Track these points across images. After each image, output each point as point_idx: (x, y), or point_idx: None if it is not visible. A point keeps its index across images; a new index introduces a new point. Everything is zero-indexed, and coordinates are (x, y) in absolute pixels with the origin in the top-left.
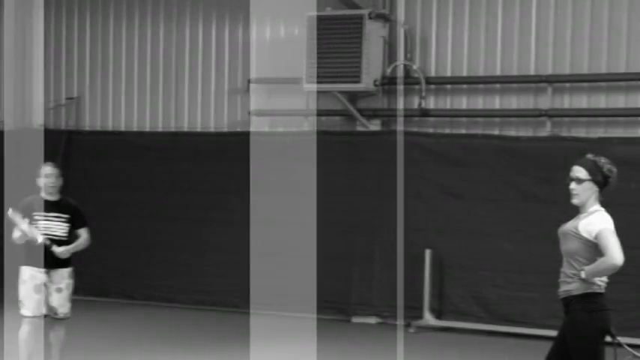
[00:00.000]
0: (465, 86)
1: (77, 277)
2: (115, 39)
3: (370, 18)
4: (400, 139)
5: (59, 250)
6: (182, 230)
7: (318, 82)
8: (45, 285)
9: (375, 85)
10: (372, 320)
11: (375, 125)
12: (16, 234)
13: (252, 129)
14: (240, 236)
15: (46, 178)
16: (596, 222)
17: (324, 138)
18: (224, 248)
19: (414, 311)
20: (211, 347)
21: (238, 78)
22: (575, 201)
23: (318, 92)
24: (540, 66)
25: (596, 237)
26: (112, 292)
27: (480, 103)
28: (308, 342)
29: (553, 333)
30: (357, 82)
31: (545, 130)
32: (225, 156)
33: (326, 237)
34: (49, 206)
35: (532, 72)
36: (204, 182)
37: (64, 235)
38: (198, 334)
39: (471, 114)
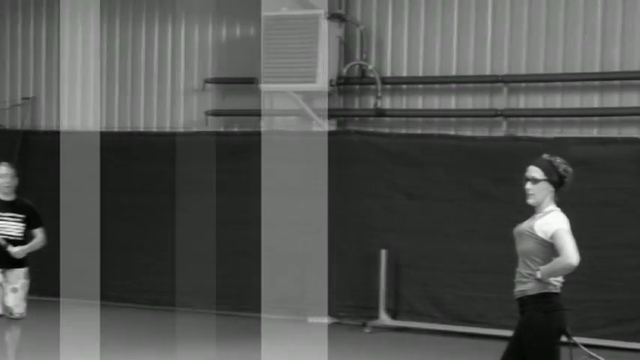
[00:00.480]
0: (420, 86)
1: (33, 277)
2: (71, 38)
3: (326, 18)
4: (356, 139)
5: (15, 250)
6: (138, 230)
7: (274, 82)
8: (0, 285)
9: (331, 85)
10: (328, 320)
11: (330, 125)
12: None
13: (208, 129)
14: (194, 236)
15: (2, 178)
16: (551, 222)
17: (280, 138)
18: (180, 248)
19: (369, 311)
20: (166, 347)
21: (194, 78)
22: (530, 201)
23: (274, 92)
24: (496, 66)
25: (551, 237)
26: (68, 292)
27: (435, 103)
28: (262, 342)
29: (508, 333)
30: (313, 82)
31: (501, 130)
32: (180, 156)
33: (281, 237)
34: (5, 206)
35: (488, 72)
36: (159, 182)
37: (20, 235)
38: (153, 334)
39: (427, 114)
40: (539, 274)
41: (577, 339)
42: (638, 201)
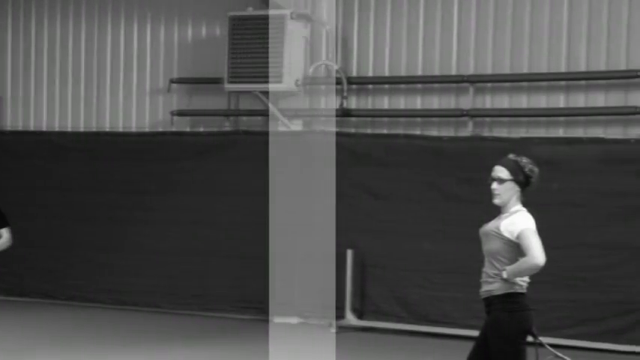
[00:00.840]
0: (386, 86)
1: None
2: (37, 38)
3: (292, 18)
4: (321, 139)
5: None
6: (103, 230)
7: (240, 82)
8: None
9: (297, 85)
10: (294, 320)
11: (296, 125)
12: None
13: (173, 129)
14: (161, 236)
15: None
16: (517, 222)
17: (246, 138)
18: (145, 248)
19: (335, 311)
20: (131, 347)
21: (160, 78)
22: (496, 201)
23: (240, 92)
24: (462, 66)
25: (517, 237)
26: (34, 292)
27: (401, 103)
28: (228, 342)
29: (474, 333)
30: (279, 82)
31: (467, 130)
32: (146, 156)
33: (247, 237)
34: None
35: (454, 72)
36: (125, 182)
37: None
38: (119, 334)
39: (393, 114)
40: (505, 274)
41: (543, 339)
42: (604, 201)
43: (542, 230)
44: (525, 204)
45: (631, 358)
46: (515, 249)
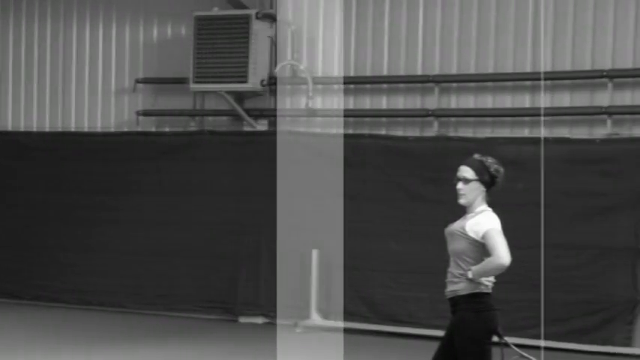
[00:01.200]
0: (352, 86)
1: None
2: (1, 38)
3: (257, 18)
4: (287, 139)
5: None
6: (69, 230)
7: (205, 82)
8: None
9: (262, 85)
10: (259, 320)
11: (262, 125)
12: None
13: (139, 129)
14: (126, 236)
15: None
16: (483, 222)
17: (211, 138)
18: (110, 248)
19: (301, 311)
20: (97, 348)
21: (126, 78)
22: (462, 201)
23: (205, 92)
24: (427, 66)
25: (483, 237)
26: None
27: (367, 103)
28: (193, 342)
29: (440, 333)
30: (244, 82)
31: (433, 130)
32: (111, 156)
33: (213, 237)
34: None
35: (419, 72)
36: (91, 182)
37: None
38: (84, 335)
39: (358, 114)
40: (470, 274)
41: (508, 339)
42: (569, 201)
43: (507, 230)
44: (491, 204)
45: (596, 357)
46: (481, 249)
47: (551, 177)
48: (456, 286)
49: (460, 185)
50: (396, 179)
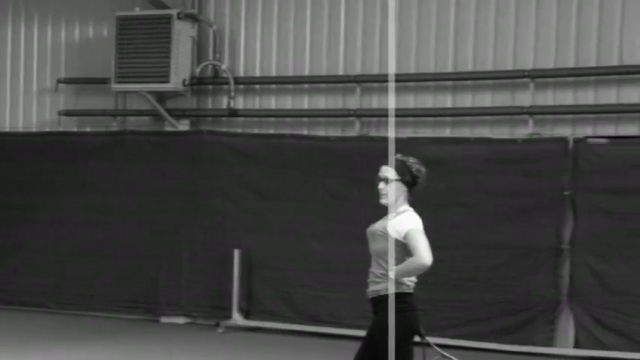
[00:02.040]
0: (273, 86)
1: None
2: None
3: (179, 18)
4: (208, 139)
5: None
6: None
7: (127, 82)
8: None
9: (184, 85)
10: (181, 320)
11: (183, 125)
12: None
13: (60, 129)
14: (48, 236)
15: None
16: (404, 222)
17: (133, 138)
18: (32, 248)
19: (222, 311)
20: (17, 347)
21: (47, 78)
22: (383, 201)
23: (127, 92)
24: (349, 66)
25: (404, 237)
26: None
27: (288, 103)
28: (114, 342)
29: (361, 333)
30: (166, 82)
31: (354, 130)
32: (33, 156)
33: (134, 236)
34: None
35: (341, 72)
36: (12, 182)
37: None
38: (4, 335)
39: (280, 114)
40: (392, 274)
41: (430, 339)
42: (491, 201)
43: (429, 230)
44: (412, 204)
45: (517, 357)
46: (403, 249)
47: (473, 177)
48: (378, 286)
49: (382, 185)
50: (318, 179)
